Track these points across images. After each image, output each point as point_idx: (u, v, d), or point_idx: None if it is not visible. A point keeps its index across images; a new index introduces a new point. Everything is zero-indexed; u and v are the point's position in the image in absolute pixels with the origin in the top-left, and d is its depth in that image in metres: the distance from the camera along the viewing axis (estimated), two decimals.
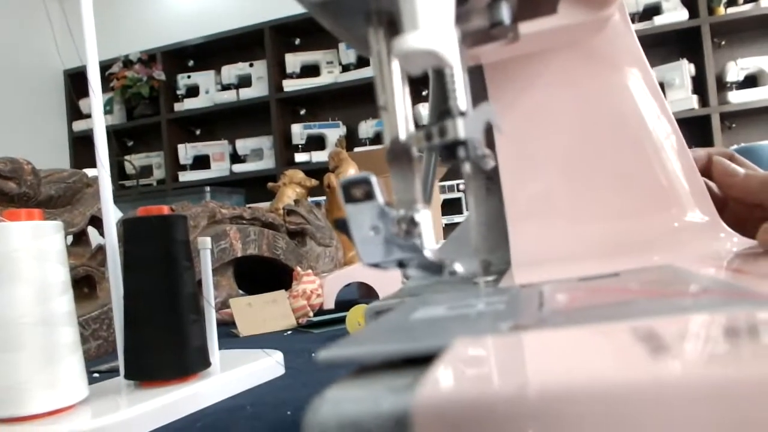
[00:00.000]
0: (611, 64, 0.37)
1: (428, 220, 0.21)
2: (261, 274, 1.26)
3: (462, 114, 0.21)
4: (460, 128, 0.21)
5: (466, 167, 0.21)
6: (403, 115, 0.21)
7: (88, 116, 0.58)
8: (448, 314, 0.22)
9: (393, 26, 0.21)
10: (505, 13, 0.24)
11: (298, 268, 1.08)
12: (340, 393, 0.14)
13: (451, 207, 2.75)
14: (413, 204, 0.21)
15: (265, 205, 1.72)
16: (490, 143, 0.40)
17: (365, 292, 1.05)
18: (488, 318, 0.20)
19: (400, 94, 0.22)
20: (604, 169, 0.39)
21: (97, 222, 0.88)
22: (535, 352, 0.15)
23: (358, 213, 0.21)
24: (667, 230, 0.39)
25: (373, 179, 0.20)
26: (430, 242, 0.21)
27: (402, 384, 0.15)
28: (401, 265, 0.21)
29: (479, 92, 0.41)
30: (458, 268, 0.22)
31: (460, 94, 0.21)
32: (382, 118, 0.22)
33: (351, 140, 3.27)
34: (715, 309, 0.15)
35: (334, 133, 3.28)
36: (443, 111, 0.21)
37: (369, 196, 0.20)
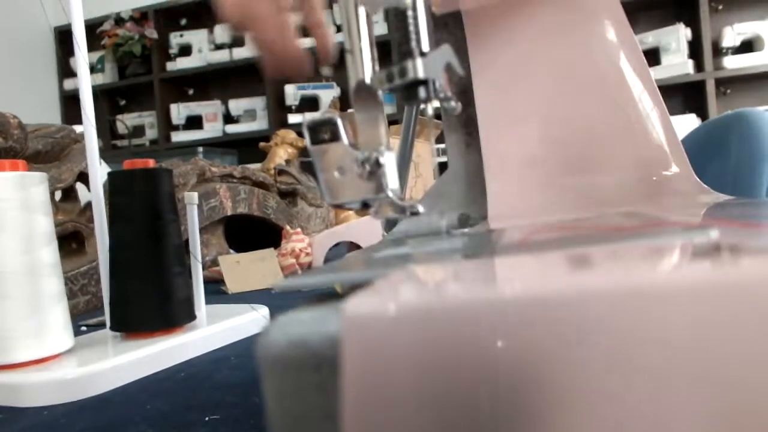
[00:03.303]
0: (591, 16, 0.37)
1: (392, 162, 0.21)
2: (252, 234, 1.26)
3: (423, 54, 0.21)
4: (420, 67, 0.21)
5: (429, 109, 0.21)
6: (368, 57, 0.22)
7: None
8: (410, 252, 0.22)
9: None
10: None
11: (288, 227, 1.09)
12: (290, 317, 0.15)
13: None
14: (378, 146, 0.21)
15: (257, 166, 1.72)
16: (470, 98, 0.40)
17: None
18: (445, 253, 0.21)
19: (365, 38, 0.22)
20: (583, 122, 0.40)
21: (85, 178, 0.88)
22: (461, 274, 0.16)
23: (324, 154, 0.21)
24: (644, 184, 0.40)
25: (339, 120, 0.21)
26: (393, 183, 0.21)
27: None
28: (365, 205, 0.22)
29: (461, 44, 0.41)
30: (420, 208, 0.23)
31: (423, 36, 0.21)
32: (347, 60, 0.22)
33: (345, 102, 3.25)
34: (644, 239, 0.16)
35: (328, 95, 3.24)
36: (404, 52, 0.22)
37: (335, 137, 0.21)
